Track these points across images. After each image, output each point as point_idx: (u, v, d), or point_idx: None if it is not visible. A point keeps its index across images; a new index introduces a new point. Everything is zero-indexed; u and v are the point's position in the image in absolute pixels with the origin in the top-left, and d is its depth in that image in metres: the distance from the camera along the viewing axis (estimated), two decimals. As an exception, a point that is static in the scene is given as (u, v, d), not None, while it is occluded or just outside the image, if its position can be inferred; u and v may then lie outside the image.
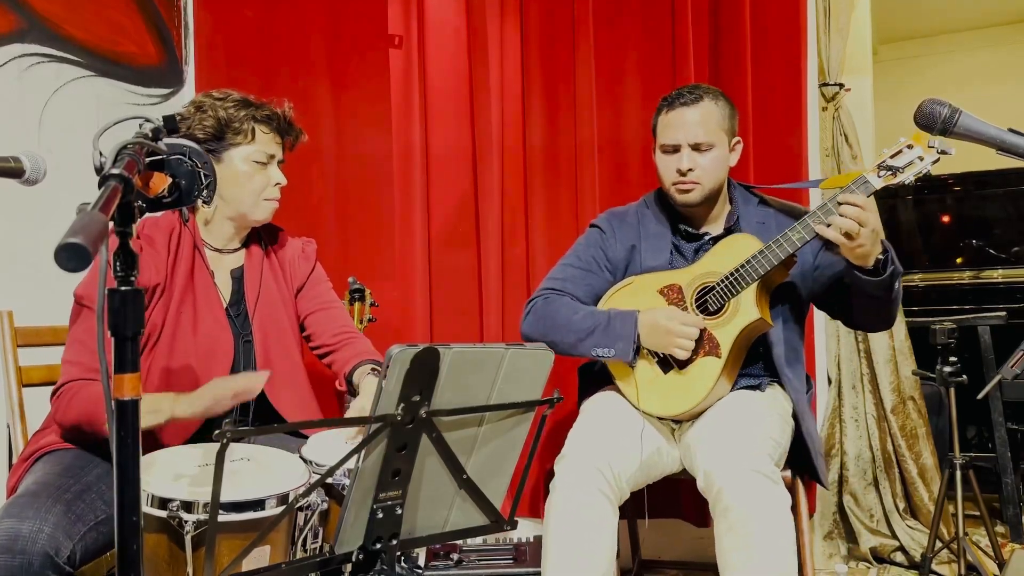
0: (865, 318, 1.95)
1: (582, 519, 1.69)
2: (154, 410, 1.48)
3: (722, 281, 1.85)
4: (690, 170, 1.93)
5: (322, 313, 1.90)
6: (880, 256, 1.75)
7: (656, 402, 1.89)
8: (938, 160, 1.72)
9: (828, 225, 1.73)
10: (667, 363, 1.89)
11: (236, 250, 1.84)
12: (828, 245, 1.79)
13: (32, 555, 1.31)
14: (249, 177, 1.74)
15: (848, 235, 1.70)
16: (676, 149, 1.95)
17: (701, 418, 1.86)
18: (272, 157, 1.78)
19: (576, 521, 1.69)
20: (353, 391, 1.79)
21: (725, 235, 1.98)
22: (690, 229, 2.03)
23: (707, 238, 2.01)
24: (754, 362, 1.97)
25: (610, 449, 1.76)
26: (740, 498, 1.61)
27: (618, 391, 1.97)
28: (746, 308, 1.83)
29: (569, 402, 2.27)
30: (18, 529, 1.33)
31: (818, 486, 2.32)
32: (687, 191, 1.95)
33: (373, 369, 1.75)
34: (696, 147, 1.93)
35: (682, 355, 1.84)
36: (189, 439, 1.66)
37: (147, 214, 1.19)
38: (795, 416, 1.93)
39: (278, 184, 1.79)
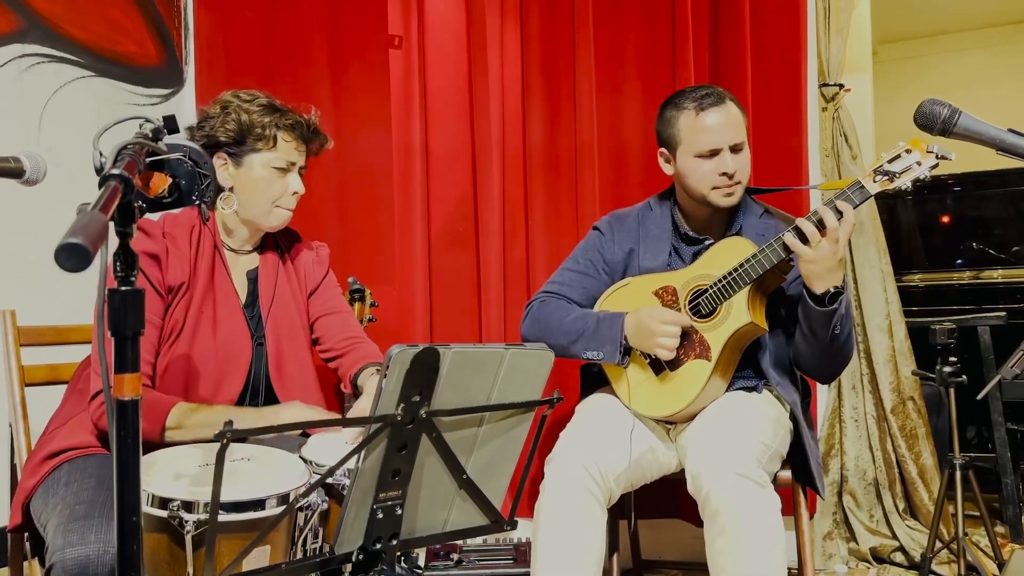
0: (803, 357, 1.89)
1: (569, 519, 1.70)
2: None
3: (715, 284, 1.83)
4: (734, 172, 1.89)
5: (332, 318, 1.89)
6: (833, 290, 1.74)
7: (647, 403, 1.89)
8: (936, 165, 1.70)
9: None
10: (659, 365, 1.89)
11: (251, 252, 1.83)
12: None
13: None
14: (267, 184, 1.73)
15: (807, 242, 1.70)
16: (715, 153, 1.89)
17: (695, 420, 1.85)
18: (293, 164, 1.75)
19: (564, 521, 1.70)
20: (358, 393, 1.79)
21: None
22: (691, 233, 2.01)
23: (707, 243, 1.99)
24: (750, 365, 1.96)
25: (598, 449, 1.76)
26: (727, 502, 1.61)
27: (613, 392, 1.97)
28: (737, 312, 1.81)
29: (570, 402, 2.27)
30: (85, 555, 1.36)
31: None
32: (731, 194, 1.91)
33: (377, 370, 1.74)
34: (734, 148, 1.89)
35: (665, 355, 1.82)
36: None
37: (168, 211, 1.20)
38: (793, 421, 1.91)
39: (295, 193, 1.76)
